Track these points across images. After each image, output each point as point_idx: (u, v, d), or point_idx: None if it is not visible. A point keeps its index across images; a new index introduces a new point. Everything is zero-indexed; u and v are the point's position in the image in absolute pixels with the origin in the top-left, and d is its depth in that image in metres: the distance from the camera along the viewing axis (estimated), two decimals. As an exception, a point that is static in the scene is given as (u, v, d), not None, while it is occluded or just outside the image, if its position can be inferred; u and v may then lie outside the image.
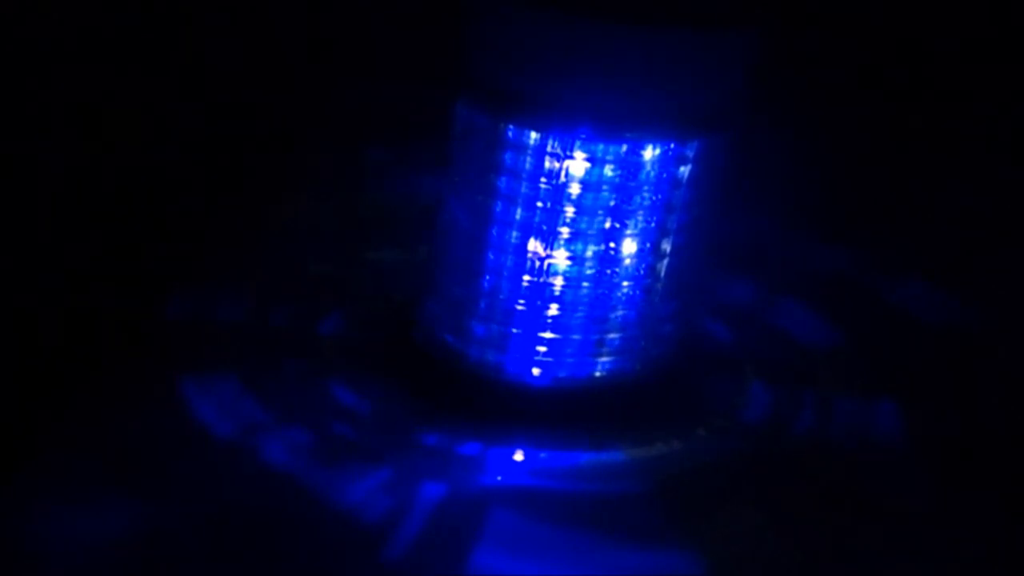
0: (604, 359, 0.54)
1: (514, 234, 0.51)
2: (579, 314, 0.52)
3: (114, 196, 0.70)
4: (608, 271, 0.52)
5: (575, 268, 0.51)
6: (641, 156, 0.49)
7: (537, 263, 0.51)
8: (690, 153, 0.50)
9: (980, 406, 0.60)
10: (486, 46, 0.49)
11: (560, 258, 0.51)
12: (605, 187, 0.50)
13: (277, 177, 0.81)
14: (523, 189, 0.50)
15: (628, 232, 0.51)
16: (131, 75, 0.77)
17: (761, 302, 0.69)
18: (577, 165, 0.49)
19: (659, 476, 0.50)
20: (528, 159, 0.49)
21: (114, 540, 0.43)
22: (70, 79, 0.73)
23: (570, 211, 0.50)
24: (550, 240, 0.51)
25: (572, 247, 0.51)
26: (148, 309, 0.60)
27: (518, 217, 0.51)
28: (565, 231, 0.50)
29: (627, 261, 0.52)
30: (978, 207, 0.84)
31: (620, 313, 0.53)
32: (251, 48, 0.85)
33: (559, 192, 0.50)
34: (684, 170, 0.50)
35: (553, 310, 0.52)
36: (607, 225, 0.50)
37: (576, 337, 0.53)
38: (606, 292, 0.52)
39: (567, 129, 0.48)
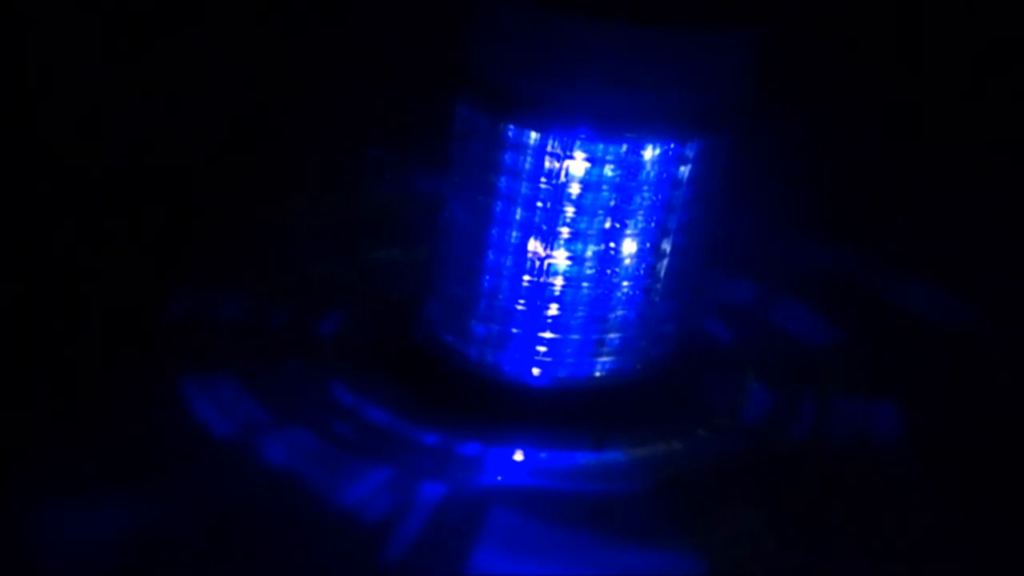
0: (604, 359, 0.54)
1: (514, 234, 0.51)
2: (579, 314, 0.52)
3: (114, 196, 0.70)
4: (608, 271, 0.52)
5: (575, 268, 0.51)
6: (641, 156, 0.49)
7: (537, 263, 0.51)
8: (690, 153, 0.50)
9: (980, 406, 0.60)
10: (486, 46, 0.49)
11: (560, 258, 0.51)
12: (605, 187, 0.50)
13: (277, 177, 0.81)
14: (523, 189, 0.50)
15: (628, 232, 0.51)
16: (131, 75, 0.77)
17: (761, 302, 0.69)
18: (577, 165, 0.49)
19: (659, 476, 0.50)
20: (528, 159, 0.49)
21: (114, 540, 0.43)
22: (70, 78, 0.73)
23: (570, 211, 0.50)
24: (550, 240, 0.51)
25: (572, 247, 0.51)
26: (148, 309, 0.60)
27: (518, 217, 0.51)
28: (565, 231, 0.50)
29: (627, 261, 0.52)
30: (978, 207, 0.84)
31: (620, 313, 0.53)
32: (250, 47, 0.85)
33: (559, 192, 0.50)
34: (684, 170, 0.50)
35: (553, 310, 0.52)
36: (607, 225, 0.50)
37: (576, 337, 0.53)
38: (606, 292, 0.52)
39: (567, 129, 0.48)
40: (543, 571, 0.44)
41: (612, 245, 0.51)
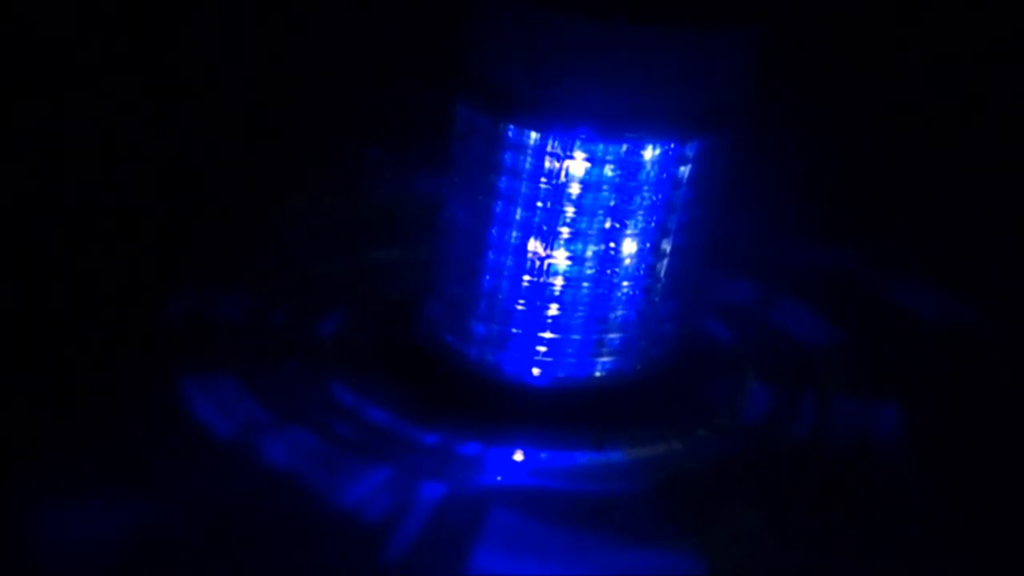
0: (604, 359, 0.54)
1: (514, 234, 0.51)
2: (579, 314, 0.52)
3: (114, 196, 0.70)
4: (608, 271, 0.52)
5: (575, 268, 0.51)
6: (641, 156, 0.49)
7: (537, 263, 0.51)
8: (690, 153, 0.50)
9: (980, 406, 0.60)
10: (486, 46, 0.49)
11: (560, 258, 0.51)
12: (605, 187, 0.50)
13: (277, 177, 0.81)
14: (523, 189, 0.50)
15: (628, 232, 0.51)
16: (131, 76, 0.77)
17: (761, 302, 0.69)
18: (577, 165, 0.49)
19: (659, 476, 0.50)
20: (528, 159, 0.49)
21: (114, 540, 0.43)
22: (70, 80, 0.73)
23: (570, 211, 0.50)
24: (550, 240, 0.51)
25: (572, 247, 0.51)
26: (148, 309, 0.60)
27: (518, 217, 0.51)
28: (565, 231, 0.50)
29: (627, 261, 0.52)
30: (978, 207, 0.84)
31: (620, 313, 0.53)
32: (251, 48, 0.85)
33: (559, 192, 0.50)
34: (684, 170, 0.50)
35: (553, 310, 0.52)
36: (607, 225, 0.50)
37: (576, 337, 0.53)
38: (606, 292, 0.52)
39: (567, 129, 0.48)
40: (543, 571, 0.44)
41: (612, 245, 0.51)
